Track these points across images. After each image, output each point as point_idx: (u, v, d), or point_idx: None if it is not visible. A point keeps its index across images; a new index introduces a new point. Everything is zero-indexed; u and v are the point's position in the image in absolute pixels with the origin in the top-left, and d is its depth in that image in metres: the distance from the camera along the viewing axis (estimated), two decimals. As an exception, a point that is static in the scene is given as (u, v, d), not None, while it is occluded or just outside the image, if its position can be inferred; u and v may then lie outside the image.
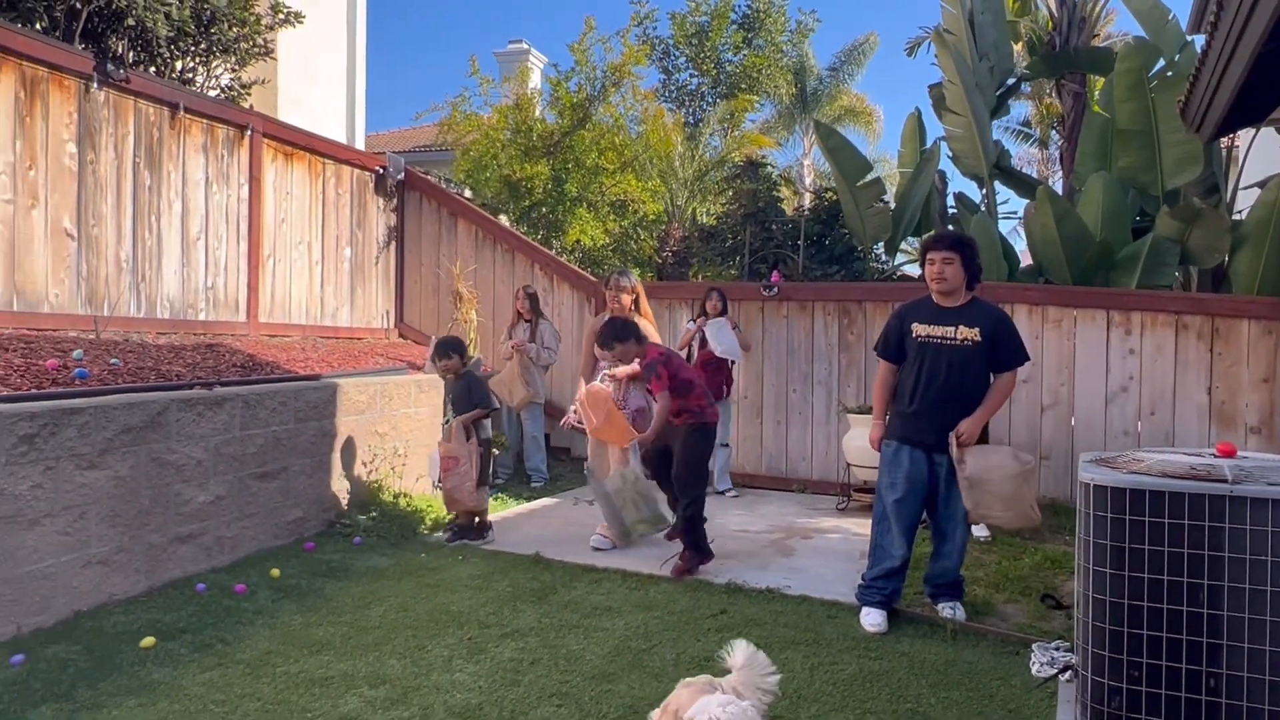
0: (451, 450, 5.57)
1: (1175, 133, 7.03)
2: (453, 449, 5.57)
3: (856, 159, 9.28)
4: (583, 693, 3.39)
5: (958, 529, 4.24)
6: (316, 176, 8.07)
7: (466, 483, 5.58)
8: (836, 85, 21.48)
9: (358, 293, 8.60)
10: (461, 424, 5.60)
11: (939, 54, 8.77)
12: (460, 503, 5.62)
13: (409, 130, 20.32)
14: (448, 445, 5.59)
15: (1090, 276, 7.30)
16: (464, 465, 5.56)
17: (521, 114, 11.33)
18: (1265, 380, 6.07)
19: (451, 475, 5.57)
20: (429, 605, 4.38)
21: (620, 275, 5.91)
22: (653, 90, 14.39)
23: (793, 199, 15.55)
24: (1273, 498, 2.63)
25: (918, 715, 3.23)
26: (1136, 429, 6.42)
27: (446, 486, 5.62)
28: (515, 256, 8.85)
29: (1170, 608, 2.75)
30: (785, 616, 4.25)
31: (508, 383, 7.38)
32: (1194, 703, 2.72)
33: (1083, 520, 2.99)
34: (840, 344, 7.46)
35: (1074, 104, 10.41)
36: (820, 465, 7.51)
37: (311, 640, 3.90)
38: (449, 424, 5.69)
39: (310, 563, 5.09)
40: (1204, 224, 6.86)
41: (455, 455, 5.57)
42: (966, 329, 4.12)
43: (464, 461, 5.56)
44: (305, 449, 5.65)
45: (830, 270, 9.61)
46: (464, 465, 5.56)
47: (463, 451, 5.57)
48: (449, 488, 5.60)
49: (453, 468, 5.56)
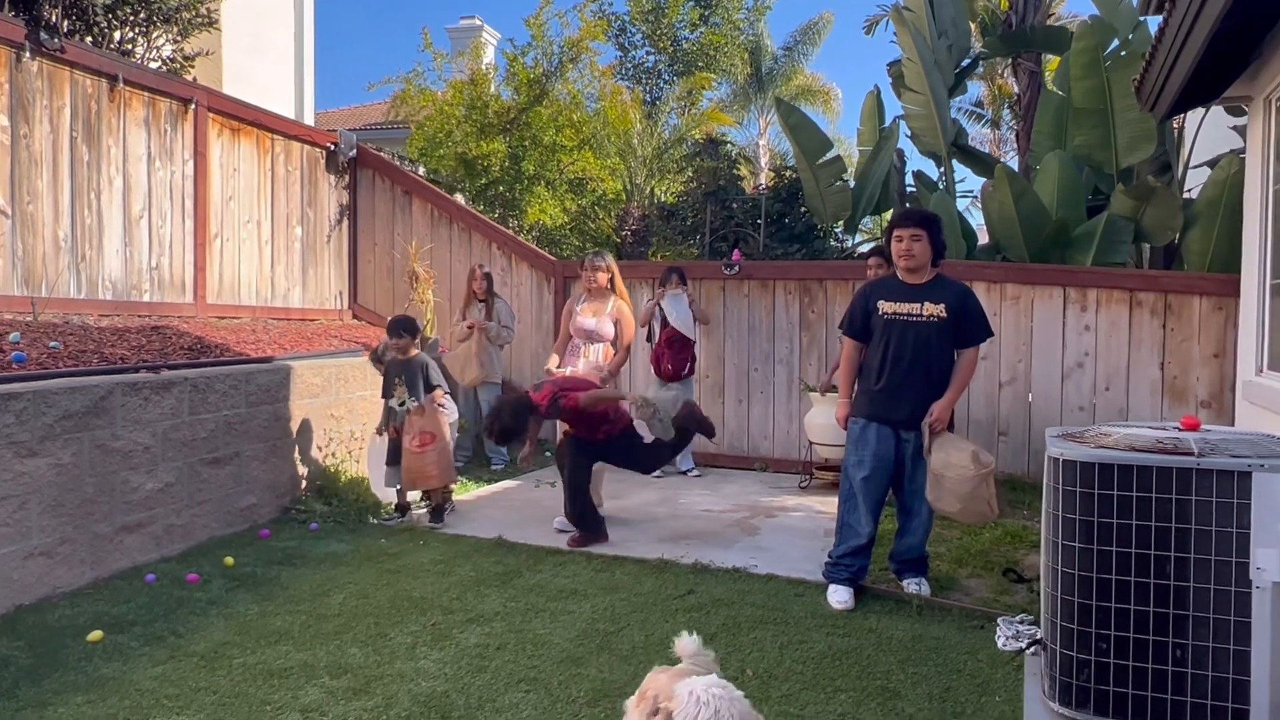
0: (427, 425, 5.46)
1: (1129, 111, 7.09)
2: (426, 424, 5.47)
3: (817, 137, 9.25)
4: (551, 677, 3.33)
5: (923, 505, 4.25)
6: (265, 153, 7.82)
7: (444, 459, 5.49)
8: (792, 65, 21.45)
9: (310, 273, 8.38)
10: (433, 400, 5.52)
11: (898, 31, 8.75)
12: (430, 479, 5.50)
13: (360, 108, 19.89)
14: (421, 420, 5.47)
15: (1047, 254, 7.36)
16: (439, 441, 5.48)
17: (477, 90, 11.09)
18: (1216, 355, 6.19)
19: (429, 451, 5.46)
20: (390, 592, 4.28)
21: (596, 255, 5.96)
22: (610, 67, 14.18)
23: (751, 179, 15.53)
24: (1238, 470, 2.65)
25: (887, 691, 3.23)
26: (1092, 404, 6.51)
27: (419, 464, 5.49)
28: (472, 235, 8.69)
29: (1138, 580, 2.77)
30: (752, 596, 4.24)
31: (461, 360, 7.26)
32: (1161, 673, 2.75)
33: (1050, 495, 2.99)
34: (801, 322, 7.45)
35: (1030, 83, 10.48)
36: (782, 444, 7.52)
37: (269, 630, 3.79)
38: (405, 407, 5.55)
39: (266, 550, 4.95)
40: (1157, 202, 6.95)
41: (431, 431, 5.46)
42: (932, 305, 4.13)
43: (440, 438, 5.47)
44: (258, 433, 5.49)
45: (791, 249, 9.59)
46: (439, 441, 5.48)
47: (436, 428, 5.48)
48: (421, 465, 5.48)
49: (430, 444, 5.45)
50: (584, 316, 5.76)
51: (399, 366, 5.63)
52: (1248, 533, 2.64)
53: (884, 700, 3.16)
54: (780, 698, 3.17)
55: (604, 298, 5.78)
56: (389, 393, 5.66)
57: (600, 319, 5.69)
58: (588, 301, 5.83)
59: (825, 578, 4.31)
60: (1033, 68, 10.41)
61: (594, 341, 5.72)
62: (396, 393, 5.58)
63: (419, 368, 5.59)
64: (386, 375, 5.71)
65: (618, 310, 5.76)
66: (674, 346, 6.92)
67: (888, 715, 3.05)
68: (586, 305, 5.81)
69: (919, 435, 4.18)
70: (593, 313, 5.75)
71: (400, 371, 5.61)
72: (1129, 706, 2.79)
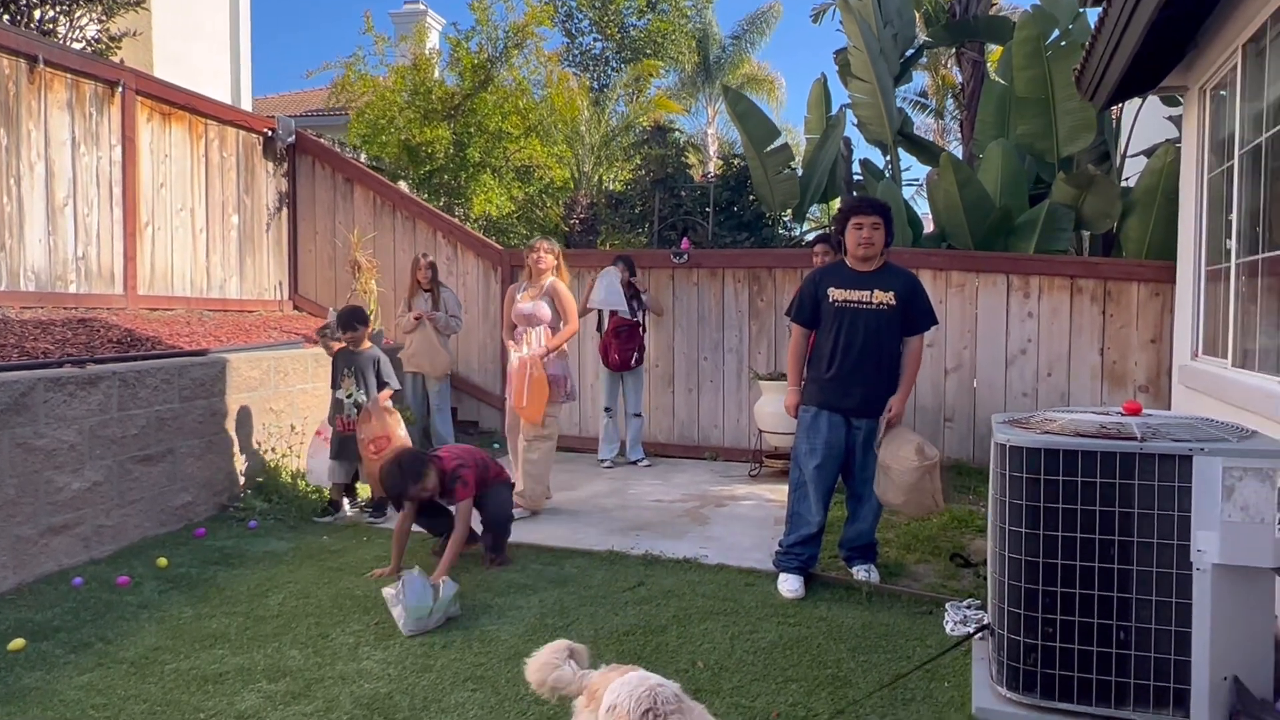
0: (378, 430, 5.31)
1: (1069, 101, 7.20)
2: (379, 429, 5.32)
3: (765, 125, 9.24)
4: (498, 675, 3.26)
5: (874, 492, 4.26)
6: (199, 138, 7.55)
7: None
8: (740, 54, 21.46)
9: (247, 263, 8.13)
10: (378, 404, 5.37)
11: (844, 20, 8.78)
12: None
13: (300, 94, 19.40)
14: (371, 426, 5.32)
15: (991, 242, 7.45)
16: (395, 444, 5.33)
17: (420, 75, 10.85)
18: (1153, 341, 6.33)
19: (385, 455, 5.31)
20: (332, 590, 4.16)
21: (544, 238, 5.95)
22: (556, 54, 14.02)
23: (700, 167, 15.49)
24: (1179, 454, 2.69)
25: (838, 680, 3.22)
26: (1035, 390, 6.61)
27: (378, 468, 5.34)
28: (417, 224, 8.51)
29: (1083, 564, 2.79)
30: (703, 586, 4.21)
31: (427, 353, 7.08)
32: (1105, 656, 2.78)
33: (997, 481, 3.01)
34: (751, 311, 7.44)
35: (973, 72, 10.61)
36: (732, 432, 7.51)
37: (203, 633, 3.65)
38: (352, 400, 5.40)
39: (201, 550, 4.78)
40: (1097, 190, 7.07)
41: (385, 435, 5.31)
42: (882, 293, 4.14)
43: (394, 441, 5.33)
44: (192, 429, 5.30)
45: (740, 237, 9.59)
46: (395, 444, 5.33)
47: (391, 430, 5.34)
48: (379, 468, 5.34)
49: (385, 447, 5.29)
50: (523, 302, 5.71)
51: (348, 358, 5.47)
52: (1188, 515, 2.67)
53: (835, 689, 3.15)
54: (731, 689, 3.14)
55: (542, 282, 5.75)
56: (337, 383, 5.50)
57: (537, 302, 5.65)
58: (528, 288, 5.79)
59: (776, 566, 4.30)
60: (976, 57, 10.53)
61: (533, 325, 5.67)
62: (344, 384, 5.43)
63: (369, 361, 5.44)
64: (335, 366, 5.55)
65: (552, 288, 5.70)
66: (620, 336, 6.88)
67: (838, 704, 3.03)
68: (526, 292, 5.77)
69: (870, 422, 4.19)
70: (530, 297, 5.71)
71: (349, 363, 5.45)
72: (1074, 689, 2.82)
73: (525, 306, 5.69)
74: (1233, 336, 4.52)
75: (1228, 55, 4.50)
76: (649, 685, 2.00)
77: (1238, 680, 2.65)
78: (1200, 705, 2.66)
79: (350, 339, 5.46)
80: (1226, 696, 2.66)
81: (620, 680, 2.06)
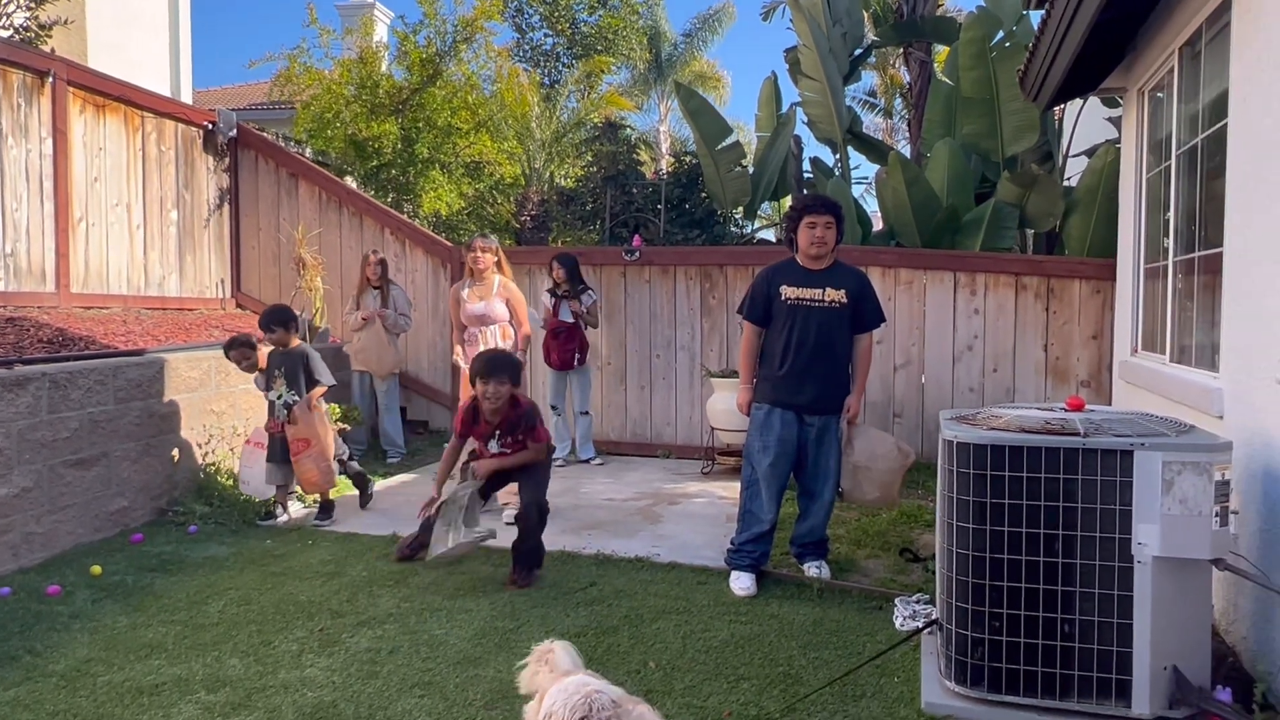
0: (301, 432, 5.18)
1: (1014, 101, 7.32)
2: (302, 430, 5.18)
3: (717, 122, 9.25)
4: (447, 680, 3.20)
5: (826, 488, 4.29)
6: (135, 131, 7.32)
7: (322, 464, 5.24)
8: (692, 51, 21.53)
9: (188, 260, 7.90)
10: (305, 404, 5.22)
11: (794, 18, 8.81)
12: (317, 485, 5.27)
13: (242, 86, 18.95)
14: (296, 428, 5.19)
15: (938, 240, 7.55)
16: (316, 446, 5.21)
17: (367, 68, 10.65)
18: (1094, 337, 6.46)
19: (304, 458, 5.19)
20: (275, 596, 4.05)
21: (481, 237, 5.86)
22: (506, 48, 13.88)
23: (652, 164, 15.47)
24: (1120, 449, 2.73)
25: (789, 677, 3.22)
26: (981, 385, 6.72)
27: (299, 469, 5.23)
28: (364, 220, 8.36)
29: (1028, 559, 2.83)
30: (655, 585, 4.18)
31: (375, 351, 6.96)
32: (1050, 649, 2.82)
33: (944, 477, 3.03)
34: (703, 308, 7.45)
35: (921, 72, 10.74)
36: (685, 430, 7.51)
37: (139, 643, 3.52)
38: (283, 400, 5.25)
39: (138, 556, 4.63)
40: (1040, 189, 7.20)
41: (305, 437, 5.18)
42: (834, 291, 4.17)
43: (315, 442, 5.21)
44: (129, 432, 5.13)
45: (691, 234, 9.59)
46: (316, 446, 5.21)
47: (311, 432, 5.21)
48: (302, 470, 5.23)
49: (303, 450, 5.18)
50: (471, 302, 5.62)
51: (278, 358, 5.33)
52: (1130, 509, 2.72)
53: (786, 686, 3.15)
54: (684, 689, 3.12)
55: (488, 280, 5.68)
56: (268, 385, 5.36)
57: (488, 301, 5.58)
58: (472, 286, 5.71)
59: (728, 564, 4.30)
60: (923, 57, 10.67)
61: (487, 324, 5.59)
62: (275, 385, 5.29)
63: (299, 359, 5.30)
64: (267, 367, 5.40)
65: (504, 288, 5.65)
66: (559, 337, 6.79)
67: (789, 701, 3.03)
68: (472, 290, 5.69)
69: (822, 419, 4.21)
70: (479, 297, 5.63)
71: (280, 364, 5.31)
72: (1021, 682, 2.86)
73: (476, 307, 5.61)
74: (1170, 333, 4.63)
75: (1164, 58, 4.61)
76: (585, 693, 1.96)
77: (1177, 669, 2.71)
78: (1141, 695, 2.72)
79: (274, 340, 5.31)
80: (1166, 685, 2.72)
81: (558, 687, 2.02)
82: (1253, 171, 3.27)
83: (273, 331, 5.27)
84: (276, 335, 5.28)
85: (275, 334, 5.27)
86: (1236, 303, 3.44)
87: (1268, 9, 3.14)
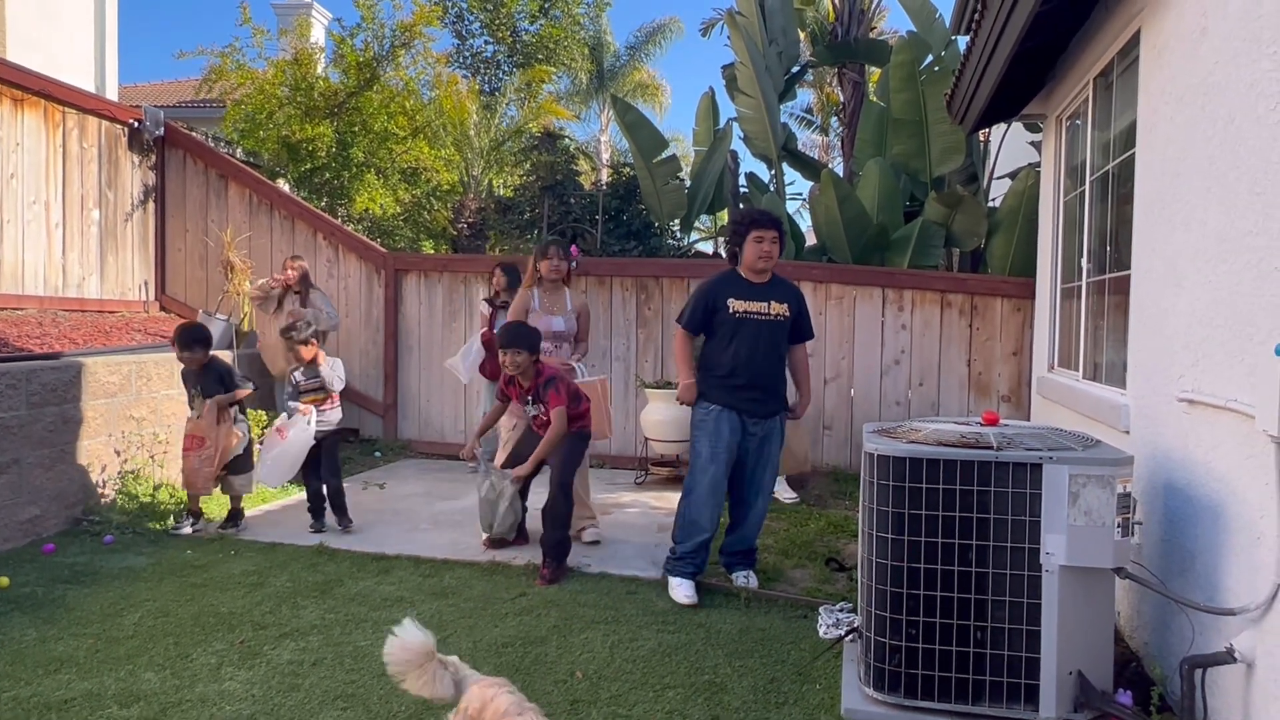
0: (198, 429, 5.07)
1: (941, 123, 7.56)
2: (200, 427, 5.07)
3: (654, 136, 9.33)
4: (371, 693, 3.16)
5: (759, 498, 4.35)
6: (55, 127, 7.08)
7: (206, 468, 5.10)
8: (634, 64, 21.69)
9: (109, 260, 7.66)
10: (216, 404, 5.10)
11: (732, 36, 8.96)
12: (195, 486, 5.14)
13: (171, 83, 18.46)
14: (195, 423, 5.08)
15: (868, 256, 7.74)
16: (208, 449, 5.08)
17: (302, 70, 10.47)
18: (1015, 353, 6.70)
19: (194, 456, 5.07)
20: (195, 608, 3.95)
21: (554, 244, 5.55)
22: (446, 55, 13.76)
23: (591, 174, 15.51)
24: (1030, 461, 2.85)
25: (714, 686, 3.26)
26: (908, 399, 6.90)
27: (186, 466, 5.10)
28: (296, 224, 8.21)
29: (944, 568, 2.92)
30: (585, 595, 4.20)
31: (274, 349, 6.78)
32: (964, 655, 2.91)
33: (866, 489, 3.12)
34: (638, 319, 7.49)
35: (853, 92, 11.01)
36: (618, 440, 7.53)
37: (48, 657, 3.40)
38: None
39: (49, 567, 4.47)
40: (965, 210, 7.45)
41: (201, 435, 5.07)
42: (778, 304, 4.27)
43: (209, 444, 5.08)
44: (42, 438, 4.95)
45: (628, 246, 9.64)
46: (208, 449, 5.08)
47: (210, 433, 5.08)
48: (189, 468, 5.10)
49: (196, 448, 5.06)
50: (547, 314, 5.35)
51: (194, 376, 5.19)
52: (1039, 520, 2.83)
53: (711, 695, 3.19)
54: (609, 699, 3.14)
55: (560, 292, 5.46)
56: (190, 403, 5.24)
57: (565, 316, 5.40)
58: (544, 297, 5.42)
59: (668, 573, 4.28)
60: (856, 78, 10.93)
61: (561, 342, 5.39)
62: (196, 405, 5.15)
63: (215, 376, 5.18)
64: (185, 384, 5.26)
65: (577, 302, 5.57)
66: (492, 350, 6.71)
67: (714, 709, 3.08)
68: (544, 301, 5.41)
69: (765, 425, 4.28)
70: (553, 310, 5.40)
71: (196, 381, 5.17)
72: (935, 688, 2.95)
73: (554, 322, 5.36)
74: (1084, 350, 4.83)
75: (1080, 87, 4.82)
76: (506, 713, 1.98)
77: (1082, 674, 2.83)
78: (1048, 698, 2.83)
79: (189, 359, 5.18)
80: (1072, 690, 2.83)
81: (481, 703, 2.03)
82: (1157, 199, 3.45)
83: (194, 351, 5.13)
84: (196, 355, 5.14)
85: (193, 352, 5.13)
86: (1142, 323, 3.61)
87: (1171, 45, 3.32)
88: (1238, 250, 2.64)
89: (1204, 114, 2.96)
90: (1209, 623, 2.76)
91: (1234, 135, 2.70)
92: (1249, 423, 2.48)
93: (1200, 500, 2.90)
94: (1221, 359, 2.75)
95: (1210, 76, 2.91)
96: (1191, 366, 2.99)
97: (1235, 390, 2.63)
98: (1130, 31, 3.87)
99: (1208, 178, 2.90)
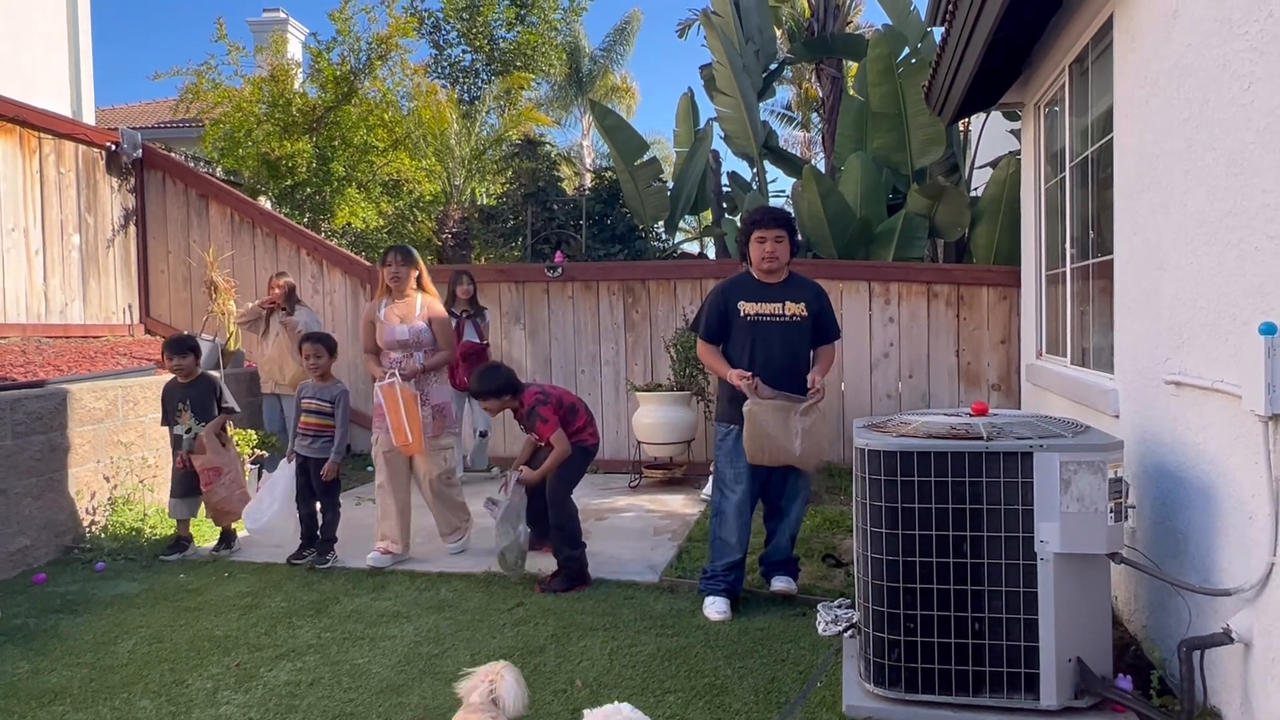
0: (211, 461, 5.02)
1: (921, 115, 7.58)
2: (212, 460, 5.02)
3: (634, 139, 9.34)
4: (370, 710, 3.14)
5: (793, 504, 4.21)
6: (31, 153, 7.03)
7: (236, 491, 5.09)
8: (609, 66, 21.71)
9: (92, 285, 7.61)
10: (211, 432, 5.05)
11: (708, 35, 8.97)
12: (230, 515, 5.11)
13: (148, 105, 18.37)
14: (205, 457, 5.02)
15: (853, 250, 7.75)
16: (228, 474, 5.06)
17: (279, 86, 10.43)
18: (1002, 342, 6.71)
19: (217, 487, 5.03)
20: (189, 632, 3.92)
21: (395, 251, 5.20)
22: (423, 65, 13.75)
23: (574, 179, 15.50)
24: (1020, 450, 2.84)
25: (715, 689, 3.25)
26: (898, 391, 6.90)
27: (214, 500, 5.06)
28: (278, 241, 8.17)
29: (939, 560, 2.92)
30: (582, 602, 4.18)
31: (277, 360, 6.74)
32: (962, 647, 2.91)
33: (858, 484, 3.11)
34: (626, 323, 7.48)
35: (832, 88, 11.03)
36: (611, 444, 7.51)
37: (41, 690, 3.37)
38: (192, 434, 5.06)
39: (41, 597, 4.43)
40: (948, 200, 7.47)
41: (216, 466, 5.02)
42: (793, 305, 4.08)
43: (227, 471, 5.05)
44: (29, 467, 4.91)
45: (613, 249, 9.64)
46: (228, 474, 5.06)
47: (223, 460, 5.06)
48: (217, 500, 5.05)
49: (215, 480, 5.02)
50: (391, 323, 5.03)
51: (182, 391, 5.13)
52: (1031, 509, 2.83)
53: (712, 698, 3.17)
54: (610, 706, 3.12)
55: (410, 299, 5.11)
56: (173, 419, 5.13)
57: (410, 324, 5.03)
58: (391, 306, 5.09)
59: (702, 591, 4.13)
60: (835, 73, 10.96)
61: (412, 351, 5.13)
62: (181, 419, 5.09)
63: (208, 389, 5.13)
64: (167, 401, 5.19)
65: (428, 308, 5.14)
66: (469, 360, 6.53)
67: (715, 712, 3.06)
68: (390, 310, 5.08)
69: None
70: (400, 317, 5.05)
71: (184, 396, 5.11)
72: (935, 681, 2.94)
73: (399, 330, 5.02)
74: (1071, 336, 4.84)
75: (1057, 74, 4.83)
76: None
77: (1081, 661, 2.82)
78: (1049, 686, 2.82)
79: (180, 368, 5.12)
80: (1071, 677, 2.83)
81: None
82: (1137, 182, 3.45)
83: (185, 357, 5.10)
84: (187, 362, 5.11)
85: (186, 360, 5.10)
86: (1127, 308, 3.61)
87: (1144, 28, 3.33)
88: (1219, 231, 2.64)
89: (1179, 96, 2.96)
90: (1205, 604, 2.76)
91: (1209, 117, 2.71)
92: (1236, 403, 2.48)
93: (1191, 482, 2.91)
94: (1207, 340, 2.75)
95: (1183, 59, 2.92)
96: (1178, 349, 3.00)
97: (1222, 371, 2.63)
98: (1104, 16, 3.88)
99: (1186, 160, 2.91)
